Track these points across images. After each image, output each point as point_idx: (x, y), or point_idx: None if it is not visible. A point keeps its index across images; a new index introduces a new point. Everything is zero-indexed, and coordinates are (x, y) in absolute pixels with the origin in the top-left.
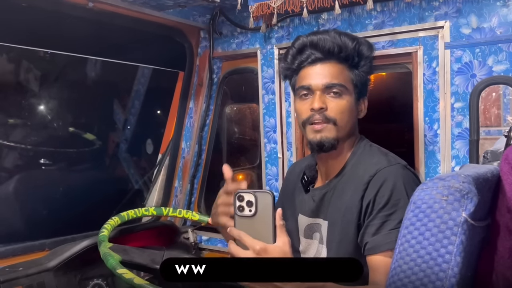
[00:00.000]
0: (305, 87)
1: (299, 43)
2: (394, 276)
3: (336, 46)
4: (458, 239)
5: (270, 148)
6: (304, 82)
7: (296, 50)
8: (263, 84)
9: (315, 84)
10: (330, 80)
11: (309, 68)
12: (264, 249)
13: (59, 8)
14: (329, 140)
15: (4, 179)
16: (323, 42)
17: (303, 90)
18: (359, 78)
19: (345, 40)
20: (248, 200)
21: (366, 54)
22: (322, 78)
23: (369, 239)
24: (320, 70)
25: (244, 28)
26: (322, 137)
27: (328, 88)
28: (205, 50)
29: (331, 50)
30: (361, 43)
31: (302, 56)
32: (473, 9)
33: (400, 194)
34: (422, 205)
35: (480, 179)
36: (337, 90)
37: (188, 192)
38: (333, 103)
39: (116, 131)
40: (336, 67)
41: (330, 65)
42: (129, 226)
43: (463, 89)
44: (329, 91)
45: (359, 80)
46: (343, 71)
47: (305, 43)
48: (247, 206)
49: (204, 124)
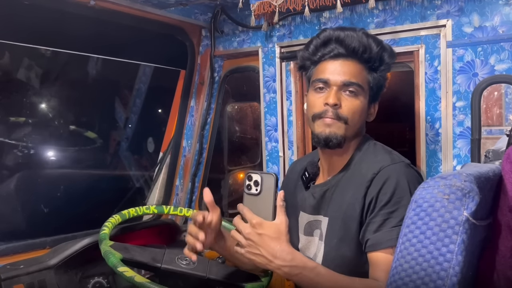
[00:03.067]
0: (322, 80)
1: (325, 35)
2: (395, 274)
3: (362, 46)
4: (459, 238)
5: (271, 146)
6: (322, 75)
7: (320, 42)
8: (264, 82)
9: (333, 79)
10: (349, 78)
11: (329, 62)
12: (260, 223)
13: (61, 6)
14: (337, 137)
15: (5, 177)
16: (350, 39)
17: (320, 83)
18: (376, 82)
19: (371, 42)
20: (255, 180)
21: (387, 60)
22: (341, 74)
23: (371, 236)
24: (341, 66)
25: (245, 27)
26: (331, 132)
27: (345, 85)
28: (206, 49)
29: (356, 49)
30: (385, 48)
31: (325, 49)
32: (475, 7)
33: (403, 192)
34: (424, 204)
35: (482, 178)
36: (353, 89)
37: (189, 191)
38: (347, 102)
39: (117, 130)
40: (356, 67)
41: (351, 63)
42: (130, 224)
43: (465, 88)
44: (346, 88)
45: (375, 83)
46: (362, 71)
47: (331, 37)
48: (254, 185)
49: (205, 122)
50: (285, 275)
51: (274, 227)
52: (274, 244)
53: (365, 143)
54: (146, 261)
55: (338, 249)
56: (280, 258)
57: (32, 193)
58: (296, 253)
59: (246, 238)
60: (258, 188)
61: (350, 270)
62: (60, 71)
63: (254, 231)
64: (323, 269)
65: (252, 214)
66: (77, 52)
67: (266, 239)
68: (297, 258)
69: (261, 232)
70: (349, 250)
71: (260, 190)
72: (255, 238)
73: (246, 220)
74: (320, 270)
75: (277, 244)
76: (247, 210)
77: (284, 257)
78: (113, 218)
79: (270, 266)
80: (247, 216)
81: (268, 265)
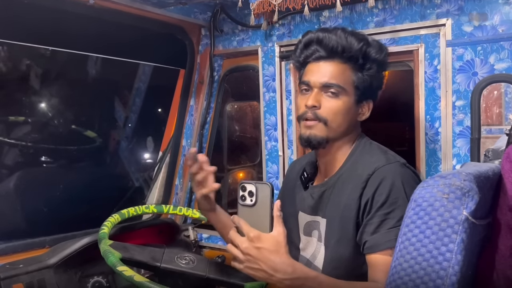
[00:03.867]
0: (305, 83)
1: (307, 38)
2: (395, 274)
3: (340, 46)
4: (459, 237)
5: (270, 146)
6: (305, 78)
7: (303, 45)
8: (264, 82)
9: (313, 81)
10: (328, 80)
11: (313, 64)
12: (257, 236)
13: (60, 5)
14: (317, 138)
15: (5, 176)
16: (328, 40)
17: (304, 85)
18: (361, 81)
19: (351, 40)
20: (250, 191)
21: (374, 56)
22: (321, 76)
23: (368, 238)
24: (322, 67)
25: (245, 26)
26: (311, 134)
27: (325, 87)
28: (206, 48)
29: (334, 49)
30: (369, 44)
31: (307, 51)
32: (475, 6)
33: (399, 192)
34: (423, 203)
35: (481, 177)
36: (334, 90)
37: (188, 190)
38: (327, 103)
39: (117, 129)
40: (338, 67)
41: (332, 64)
42: (130, 224)
43: (465, 87)
44: (326, 90)
45: (361, 82)
46: (345, 71)
47: (312, 39)
48: (249, 196)
49: (204, 122)
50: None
51: (272, 240)
52: (274, 257)
53: (360, 143)
54: (145, 261)
55: (336, 250)
56: (281, 271)
57: (31, 192)
58: (297, 264)
59: (244, 253)
60: (253, 199)
61: (348, 271)
62: (60, 70)
63: (252, 245)
64: (324, 277)
65: (249, 227)
66: (76, 51)
67: (265, 253)
68: (298, 269)
69: (259, 245)
70: (347, 251)
71: (256, 201)
72: (253, 252)
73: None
74: (322, 279)
75: (276, 257)
76: (243, 222)
77: (285, 269)
78: (112, 217)
79: (271, 280)
80: (244, 229)
81: (268, 279)
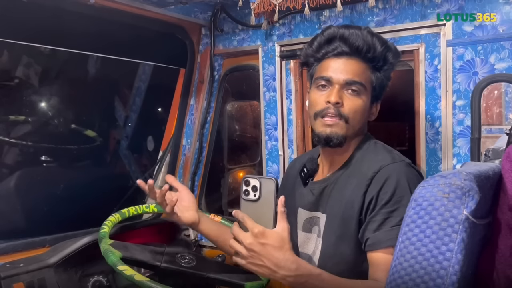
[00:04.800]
0: (325, 78)
1: (330, 33)
2: (395, 273)
3: (366, 45)
4: (459, 237)
5: (271, 145)
6: (325, 73)
7: (324, 39)
8: (264, 81)
9: (336, 77)
10: (352, 77)
11: (333, 60)
12: (262, 232)
13: (60, 4)
14: (338, 136)
15: (5, 175)
16: (354, 38)
17: (322, 80)
18: (379, 82)
19: (376, 41)
20: (254, 185)
21: (391, 60)
22: (344, 73)
23: (371, 235)
24: (344, 64)
25: (245, 25)
26: (332, 132)
27: (348, 84)
28: (206, 47)
29: (360, 47)
30: (389, 48)
31: (329, 47)
32: (475, 6)
33: (404, 191)
34: (423, 203)
35: (482, 177)
36: (356, 88)
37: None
38: (349, 100)
39: (117, 128)
40: (360, 65)
41: (354, 62)
42: (130, 223)
43: (465, 87)
44: (348, 87)
45: (378, 83)
46: (366, 71)
47: (335, 34)
48: (252, 190)
49: (205, 121)
50: (290, 285)
51: (277, 236)
52: (278, 253)
53: (365, 142)
54: (146, 260)
55: (337, 247)
56: (285, 268)
57: (31, 191)
58: (300, 261)
59: (247, 249)
60: (257, 194)
61: (348, 268)
62: (59, 69)
63: (256, 241)
64: (327, 275)
65: (253, 222)
66: (76, 50)
67: (269, 249)
68: (301, 266)
69: (264, 241)
70: (347, 248)
71: (259, 196)
72: (257, 248)
73: (245, 228)
74: (324, 276)
75: (280, 253)
76: (247, 218)
77: (289, 266)
78: (113, 216)
79: (274, 276)
80: (248, 225)
81: (272, 276)
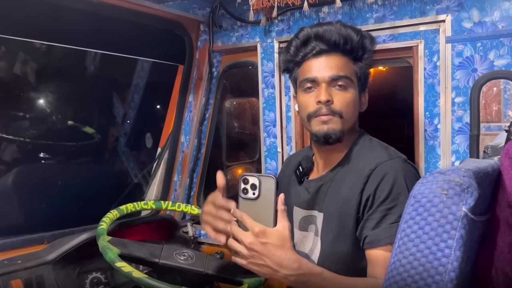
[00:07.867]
0: (310, 79)
1: (304, 35)
2: (393, 270)
3: (342, 38)
4: (458, 234)
5: (269, 142)
6: (309, 75)
7: (300, 42)
8: (263, 78)
9: (321, 76)
10: (336, 72)
11: (313, 60)
12: (263, 231)
13: (59, 0)
14: (336, 132)
15: (3, 172)
16: (329, 34)
17: (308, 82)
18: (362, 71)
19: (350, 32)
20: (252, 183)
21: (369, 47)
22: (327, 70)
23: (369, 233)
24: (325, 62)
25: (244, 22)
26: (329, 128)
27: (333, 80)
28: (204, 44)
29: (336, 42)
30: (364, 36)
31: (306, 48)
32: (475, 2)
33: (401, 188)
34: (422, 199)
35: (481, 174)
36: (342, 83)
37: (187, 186)
38: (339, 96)
39: (115, 125)
40: (341, 59)
41: (335, 57)
42: (128, 220)
43: (464, 84)
44: (335, 83)
45: (362, 73)
46: (348, 63)
47: (309, 35)
48: (251, 189)
49: (203, 118)
50: (292, 284)
51: (278, 234)
52: (280, 252)
53: (360, 138)
54: (144, 257)
55: (334, 245)
56: (286, 267)
57: (29, 188)
58: (302, 260)
59: (248, 249)
60: (256, 192)
61: (346, 266)
62: (57, 65)
63: (257, 240)
64: (328, 273)
65: (253, 221)
66: (74, 46)
67: (270, 248)
68: (303, 265)
69: (265, 241)
70: (345, 247)
71: (259, 194)
72: (259, 248)
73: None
74: (326, 275)
75: (282, 252)
76: (246, 216)
77: (290, 265)
78: (111, 213)
79: (276, 276)
80: (248, 224)
81: (273, 275)
